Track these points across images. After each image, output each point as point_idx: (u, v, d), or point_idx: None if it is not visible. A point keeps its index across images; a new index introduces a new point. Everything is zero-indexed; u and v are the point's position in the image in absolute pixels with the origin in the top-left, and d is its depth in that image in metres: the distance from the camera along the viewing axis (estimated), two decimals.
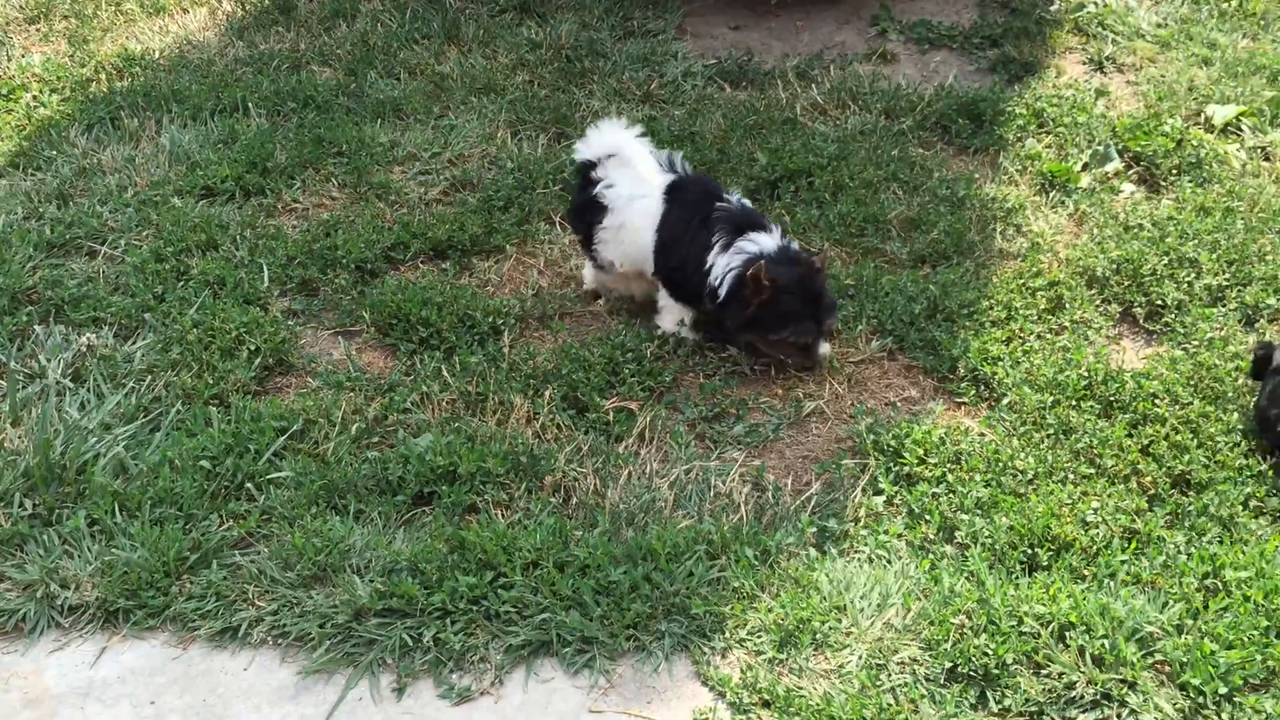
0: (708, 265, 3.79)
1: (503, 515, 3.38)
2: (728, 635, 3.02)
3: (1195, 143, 4.96)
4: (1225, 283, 4.18)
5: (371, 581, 3.09)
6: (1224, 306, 4.11)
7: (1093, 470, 3.46)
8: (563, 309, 4.27)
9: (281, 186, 4.85)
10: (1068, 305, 4.15)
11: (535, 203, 4.76)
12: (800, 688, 2.87)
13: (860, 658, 2.93)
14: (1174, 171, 4.87)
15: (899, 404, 3.85)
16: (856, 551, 3.28)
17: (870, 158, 4.99)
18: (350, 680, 2.94)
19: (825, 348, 3.83)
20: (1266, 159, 4.96)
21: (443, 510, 3.36)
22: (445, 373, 3.86)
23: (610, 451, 3.62)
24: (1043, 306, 4.14)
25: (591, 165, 4.06)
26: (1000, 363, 3.88)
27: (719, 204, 3.87)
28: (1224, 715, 2.76)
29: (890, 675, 2.90)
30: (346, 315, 4.19)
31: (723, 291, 3.75)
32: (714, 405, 3.84)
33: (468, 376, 3.84)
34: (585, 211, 4.09)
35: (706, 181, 4.11)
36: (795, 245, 3.88)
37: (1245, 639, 2.86)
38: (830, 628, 3.00)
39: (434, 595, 3.05)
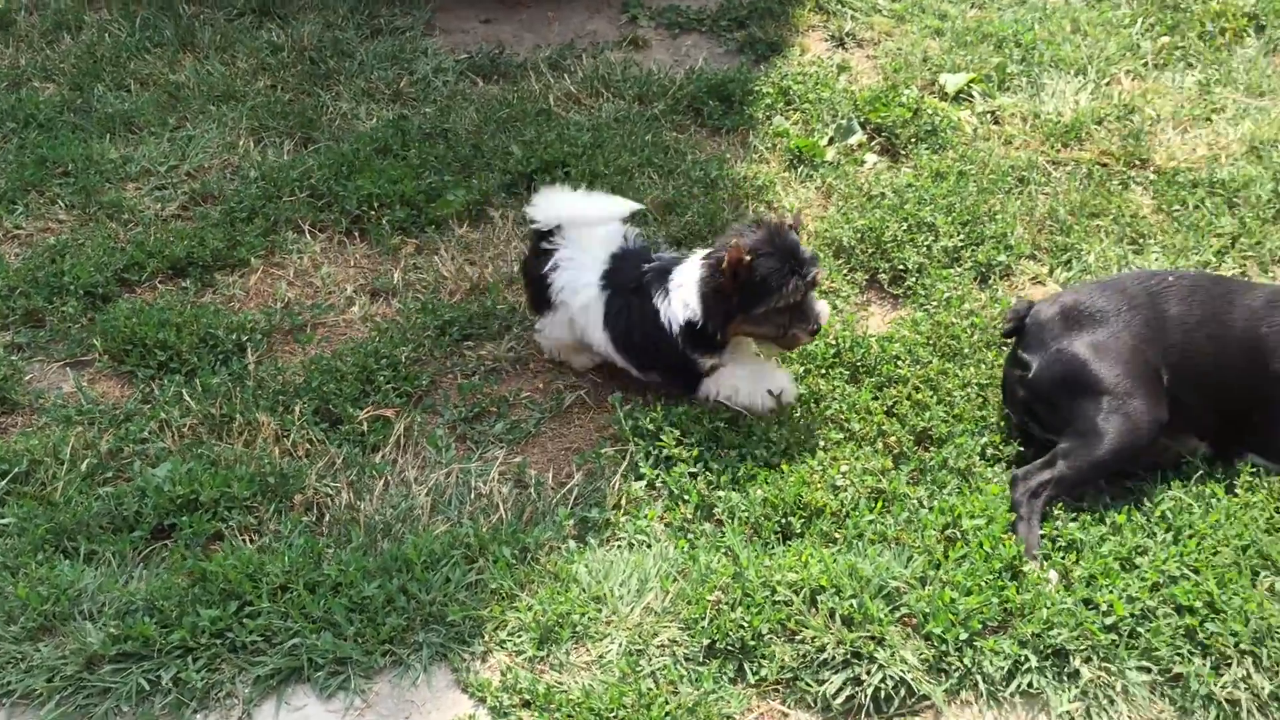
0: (664, 320, 3.51)
1: (250, 541, 3.24)
2: (487, 639, 2.98)
3: (930, 111, 5.15)
4: (960, 244, 4.36)
5: (104, 626, 2.91)
6: (960, 267, 4.28)
7: (842, 435, 3.55)
8: (314, 319, 4.13)
9: (2, 213, 4.53)
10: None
11: (282, 211, 4.59)
12: (561, 684, 2.85)
13: (620, 646, 2.93)
14: (912, 140, 5.04)
15: (660, 388, 3.86)
16: (617, 539, 3.28)
17: (625, 144, 5.00)
18: None
19: (823, 305, 3.47)
20: (996, 122, 5.19)
21: (184, 542, 3.20)
22: (186, 396, 3.68)
23: (366, 463, 3.52)
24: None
25: (545, 234, 3.73)
26: None
27: (646, 266, 3.61)
28: (965, 660, 2.88)
29: (650, 659, 2.91)
30: (77, 345, 3.94)
31: (697, 307, 3.43)
32: (474, 405, 3.78)
33: (210, 398, 3.67)
34: (537, 287, 3.79)
35: (639, 252, 3.72)
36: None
37: (981, 584, 2.98)
38: (590, 619, 2.99)
39: (173, 633, 2.89)
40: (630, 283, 3.58)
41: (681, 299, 3.45)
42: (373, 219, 4.57)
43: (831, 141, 5.11)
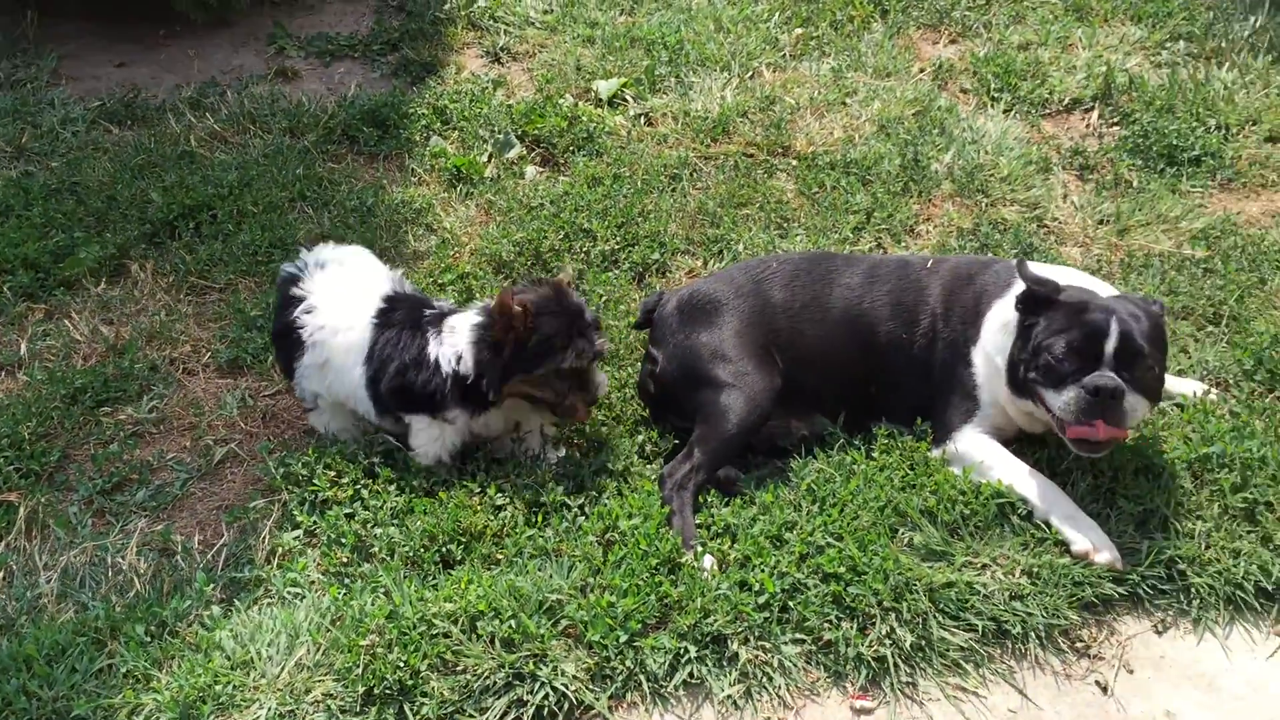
0: (431, 359, 3.26)
1: None
2: None
3: (586, 118, 5.20)
4: (617, 246, 4.39)
5: None
6: (618, 269, 4.31)
7: (504, 453, 3.49)
8: None
9: None
10: (477, 295, 4.18)
11: None
12: None
13: (269, 710, 2.76)
14: (570, 148, 5.07)
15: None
16: (268, 597, 3.10)
17: (275, 180, 4.81)
18: None
19: (602, 378, 3.32)
20: (649, 124, 5.29)
21: None
22: None
23: None
24: (453, 300, 4.14)
25: (294, 279, 3.49)
26: None
27: (428, 310, 3.39)
28: (628, 662, 2.86)
29: (304, 718, 2.75)
30: None
31: (467, 357, 3.21)
32: (112, 475, 3.51)
33: None
34: (285, 335, 3.49)
35: (417, 298, 3.51)
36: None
37: (639, 584, 2.98)
38: (235, 688, 2.80)
39: None
40: (407, 322, 3.35)
41: (454, 345, 3.24)
42: None
43: (490, 158, 5.08)
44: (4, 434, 3.54)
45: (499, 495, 3.31)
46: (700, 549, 3.13)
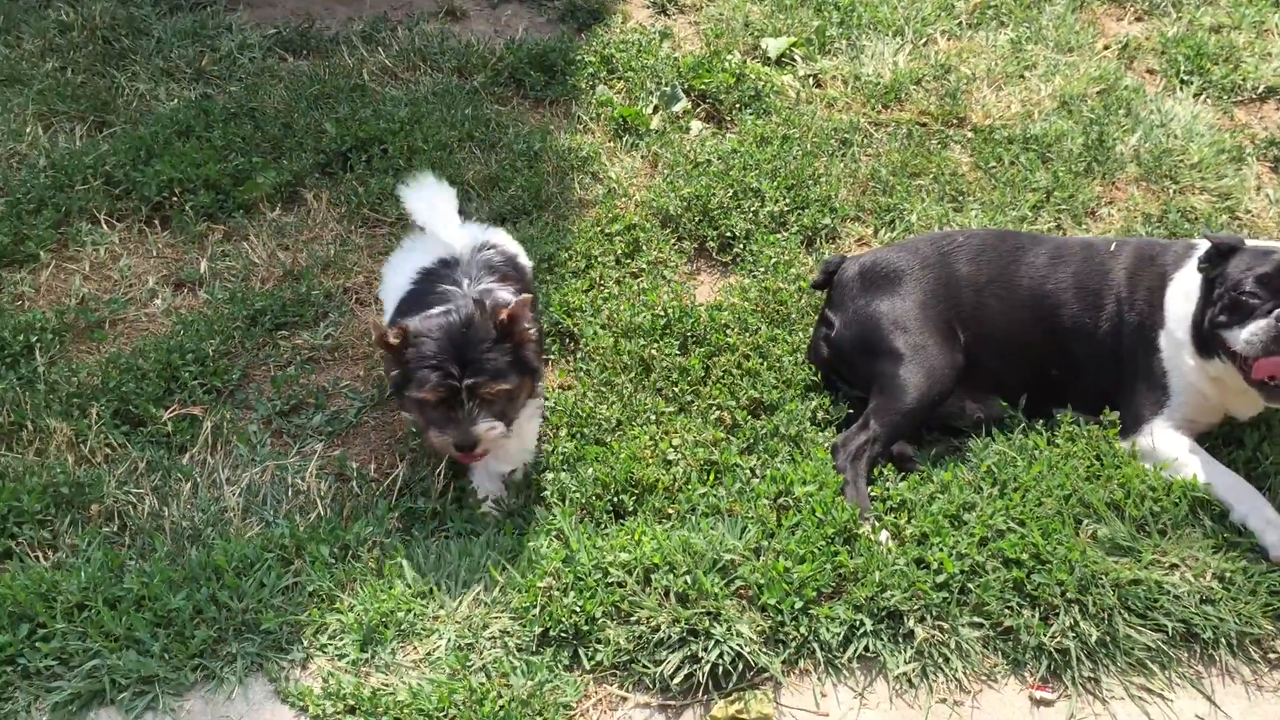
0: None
1: (43, 557, 3.00)
2: (306, 644, 2.81)
3: (753, 76, 5.12)
4: (786, 208, 4.33)
5: None
6: (786, 231, 4.26)
7: (673, 408, 3.48)
8: (112, 315, 3.85)
9: None
10: (644, 247, 4.17)
11: (74, 201, 4.27)
12: (387, 685, 2.71)
13: (449, 641, 2.81)
14: (736, 106, 5.00)
15: None
16: (444, 530, 3.15)
17: (445, 119, 4.82)
18: None
19: (489, 428, 2.87)
20: (818, 85, 5.19)
21: None
22: None
23: (172, 466, 3.30)
24: (620, 251, 4.14)
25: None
26: (581, 312, 3.84)
27: (442, 288, 3.10)
28: (802, 629, 2.84)
29: (481, 653, 2.79)
30: None
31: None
32: (290, 397, 3.58)
33: None
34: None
35: (451, 271, 3.19)
36: (499, 291, 3.07)
37: (814, 551, 2.95)
38: (416, 615, 2.86)
39: None
40: (410, 304, 3.12)
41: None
42: (175, 206, 4.30)
43: (656, 110, 5.03)
44: (189, 349, 3.62)
45: (671, 450, 3.30)
46: (876, 523, 3.09)
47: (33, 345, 3.62)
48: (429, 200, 3.33)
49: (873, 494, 3.18)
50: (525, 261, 3.51)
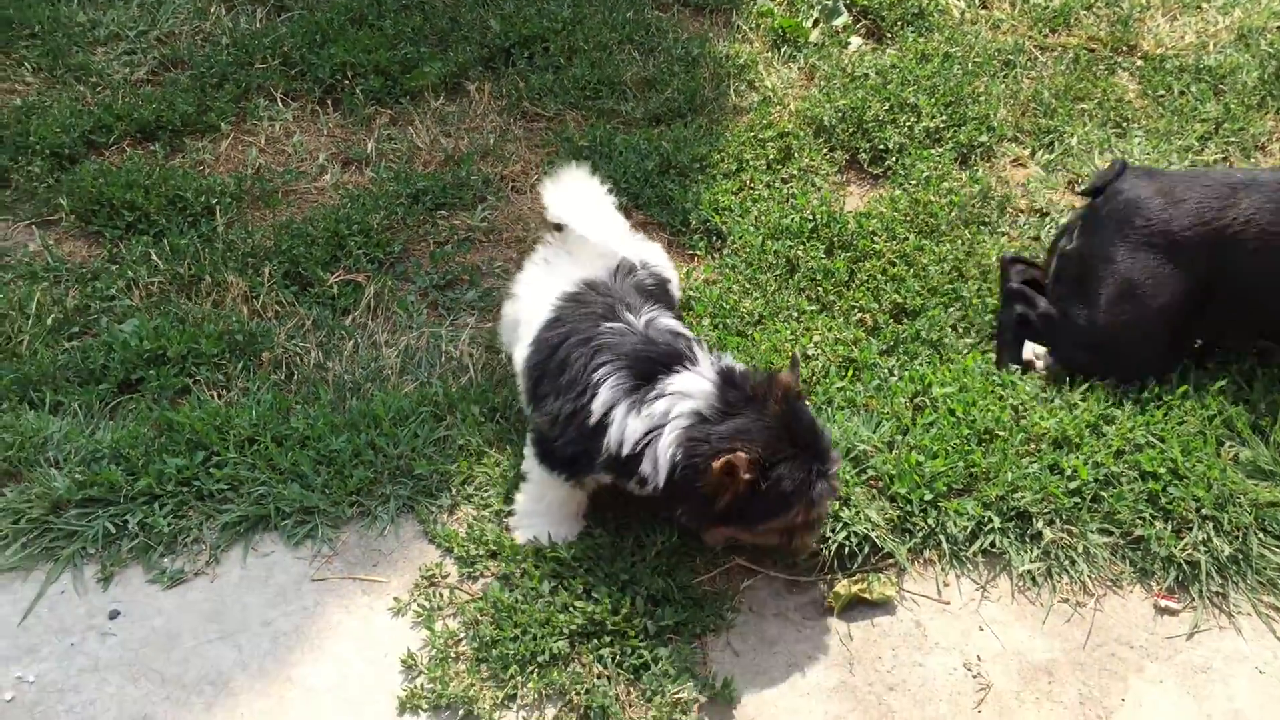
0: (606, 420, 2.56)
1: (217, 396, 3.22)
2: (454, 492, 2.98)
3: None
4: (942, 125, 4.30)
5: (70, 473, 2.90)
6: (940, 147, 4.23)
7: (815, 307, 3.53)
8: (285, 186, 4.06)
9: None
10: (796, 154, 4.20)
11: (253, 79, 4.49)
12: None
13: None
14: (898, 23, 4.95)
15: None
16: None
17: (605, 21, 4.89)
18: (50, 574, 2.76)
19: (826, 488, 2.54)
20: (984, 6, 5.10)
21: (150, 395, 3.17)
22: (154, 256, 3.63)
23: (335, 325, 3.49)
24: (772, 157, 4.18)
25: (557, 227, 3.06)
26: (730, 212, 3.90)
27: (606, 325, 2.65)
28: (929, 520, 2.90)
29: (616, 514, 2.91)
30: (43, 204, 3.87)
31: (656, 476, 2.53)
32: (446, 273, 3.74)
33: (179, 259, 3.62)
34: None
35: (612, 297, 2.76)
36: (737, 365, 2.62)
37: (948, 449, 2.99)
38: None
39: (140, 480, 2.88)
40: (583, 326, 2.70)
41: (649, 427, 2.53)
42: (346, 88, 4.48)
43: (816, 23, 5.02)
44: (356, 221, 3.80)
45: (810, 346, 3.35)
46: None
47: (213, 207, 3.85)
48: (583, 203, 2.96)
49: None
50: (676, 291, 3.09)
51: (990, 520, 2.89)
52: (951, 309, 3.50)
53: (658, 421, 2.49)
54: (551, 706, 2.53)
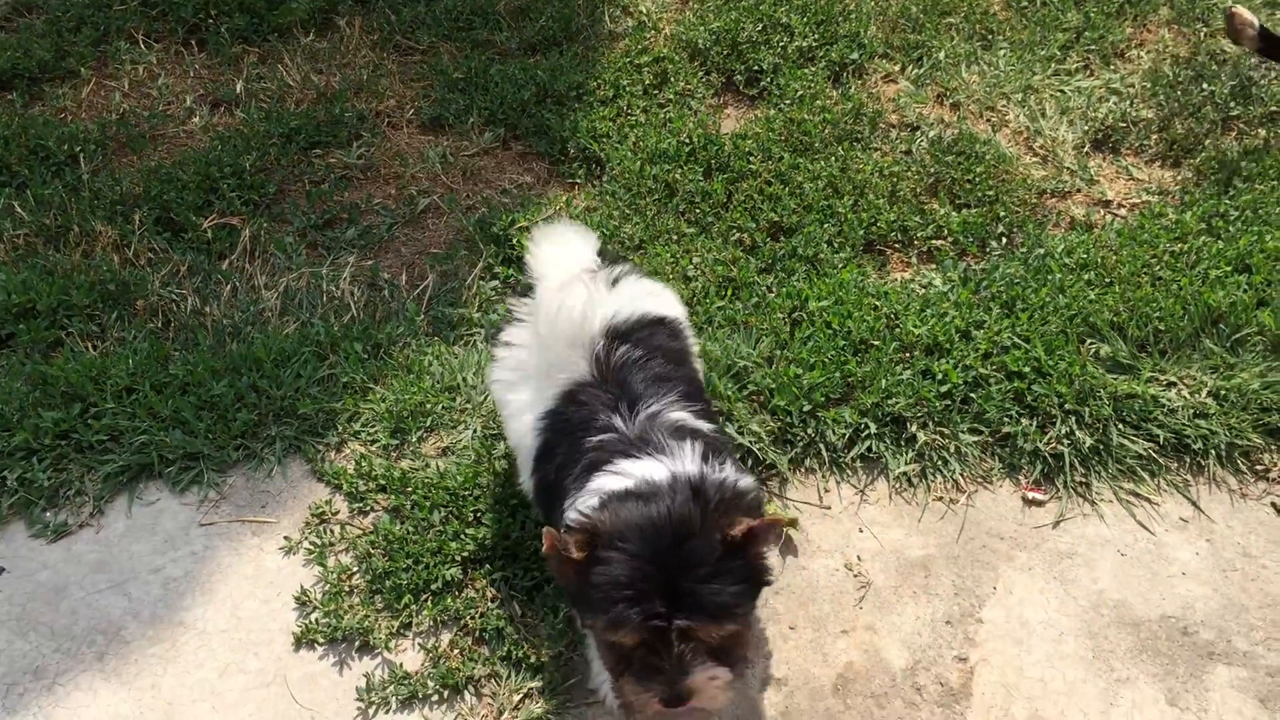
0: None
1: (92, 347, 3.17)
2: (341, 430, 2.98)
3: None
4: (814, 44, 4.35)
5: None
6: (814, 66, 4.28)
7: (694, 229, 3.58)
8: (152, 130, 3.96)
9: None
10: (672, 79, 4.21)
11: (112, 21, 4.35)
12: (416, 468, 2.88)
13: (474, 433, 2.97)
14: None
15: (514, 191, 3.83)
16: (471, 335, 3.29)
17: None
18: None
19: (701, 675, 1.90)
20: None
21: (22, 349, 3.11)
22: (18, 208, 3.53)
23: (212, 269, 3.44)
24: (648, 82, 4.19)
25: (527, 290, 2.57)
26: (608, 139, 3.92)
27: (594, 440, 2.17)
28: (808, 430, 2.99)
29: (506, 443, 2.94)
30: None
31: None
32: (324, 212, 3.70)
33: (44, 209, 3.53)
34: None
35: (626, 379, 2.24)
36: (731, 478, 2.04)
37: (825, 361, 3.08)
38: (443, 409, 3.02)
39: (15, 436, 2.84)
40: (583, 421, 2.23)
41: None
42: (211, 27, 4.37)
43: None
44: (228, 163, 3.73)
45: (690, 267, 3.40)
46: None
47: (77, 155, 3.75)
48: (570, 264, 2.43)
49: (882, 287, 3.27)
50: (691, 342, 2.52)
51: (867, 427, 2.99)
52: (827, 225, 3.57)
53: (585, 499, 2.04)
54: (447, 632, 2.57)
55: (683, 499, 1.92)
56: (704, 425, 2.21)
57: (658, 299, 2.43)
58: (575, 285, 2.33)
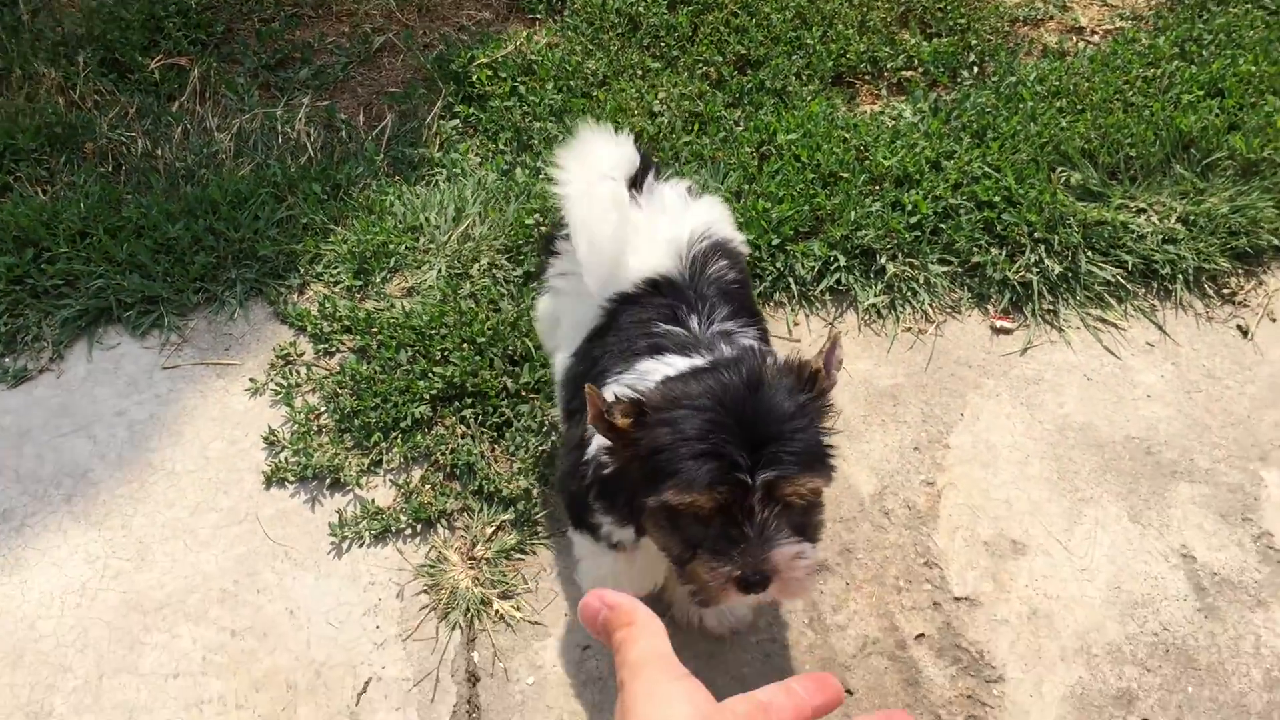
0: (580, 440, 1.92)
1: (42, 192, 3.08)
2: (303, 272, 2.93)
3: None
4: None
5: None
6: None
7: (659, 64, 3.48)
8: None
9: None
10: None
11: None
12: (381, 310, 2.84)
13: (439, 272, 2.92)
14: None
15: (472, 28, 3.71)
16: (433, 174, 3.21)
17: None
18: None
19: (788, 550, 1.59)
20: None
21: None
22: None
23: (162, 112, 3.33)
24: None
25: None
26: None
27: (663, 328, 1.94)
28: (778, 264, 2.96)
29: (472, 282, 2.91)
30: None
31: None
32: (276, 51, 3.57)
33: None
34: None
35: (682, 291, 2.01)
36: (769, 354, 1.75)
37: (794, 194, 3.03)
38: (407, 249, 2.96)
39: None
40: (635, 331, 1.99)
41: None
42: None
43: None
44: (172, 1, 3.58)
45: (656, 103, 3.32)
46: None
47: None
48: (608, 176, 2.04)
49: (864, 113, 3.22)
50: (743, 248, 2.25)
51: (836, 259, 2.96)
52: (795, 56, 3.48)
53: (631, 378, 1.81)
54: (418, 468, 2.57)
55: (750, 361, 1.66)
56: (762, 345, 1.95)
57: (730, 227, 2.23)
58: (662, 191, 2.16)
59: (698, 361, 1.77)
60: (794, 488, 1.58)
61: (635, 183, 2.13)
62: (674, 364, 1.79)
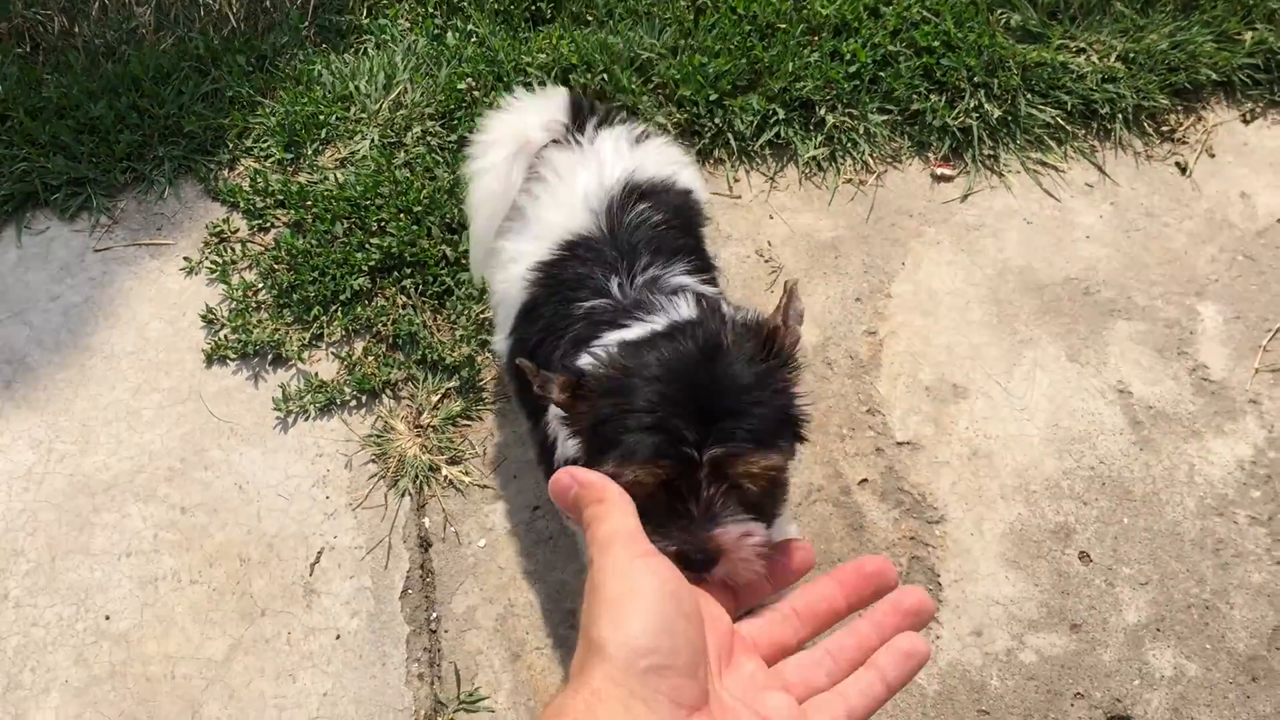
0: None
1: None
2: (232, 147, 2.87)
3: None
4: None
5: None
6: None
7: None
8: None
9: None
10: None
11: None
12: (314, 182, 2.80)
13: (372, 142, 2.87)
14: None
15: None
16: (362, 42, 3.13)
17: None
18: None
19: (733, 530, 1.39)
20: None
21: None
22: None
23: None
24: None
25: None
26: None
27: (584, 307, 1.83)
28: (716, 120, 2.92)
29: (406, 151, 2.86)
30: None
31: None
32: None
33: None
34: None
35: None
36: (725, 314, 1.62)
37: (730, 48, 2.98)
38: (338, 119, 2.90)
39: None
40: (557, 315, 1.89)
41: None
42: None
43: None
44: None
45: None
46: None
47: None
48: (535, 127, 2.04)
49: None
50: (707, 223, 2.17)
51: (775, 113, 2.93)
52: None
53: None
54: (360, 340, 2.57)
55: (710, 325, 1.53)
56: (707, 290, 1.87)
57: (682, 169, 2.13)
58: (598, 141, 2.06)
59: (656, 325, 1.65)
60: (745, 465, 1.43)
61: (575, 132, 2.07)
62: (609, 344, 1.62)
